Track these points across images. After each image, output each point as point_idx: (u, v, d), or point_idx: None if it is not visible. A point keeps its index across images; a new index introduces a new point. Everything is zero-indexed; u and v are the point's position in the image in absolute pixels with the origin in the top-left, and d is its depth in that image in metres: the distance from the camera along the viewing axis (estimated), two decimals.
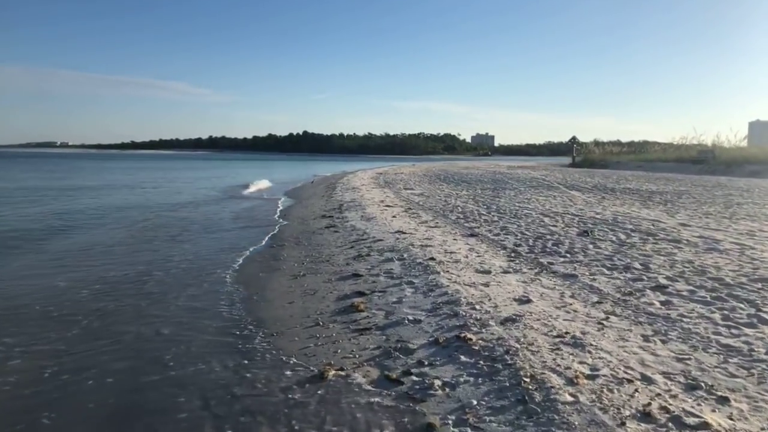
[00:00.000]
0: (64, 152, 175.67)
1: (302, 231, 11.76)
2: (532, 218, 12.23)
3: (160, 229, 12.85)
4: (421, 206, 15.36)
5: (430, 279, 6.68)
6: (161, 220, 14.68)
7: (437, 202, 16.30)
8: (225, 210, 17.24)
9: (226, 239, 11.52)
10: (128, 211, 16.73)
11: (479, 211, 13.83)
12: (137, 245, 10.65)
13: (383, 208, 14.78)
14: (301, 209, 16.41)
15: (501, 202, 16.15)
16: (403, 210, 14.40)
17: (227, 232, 12.41)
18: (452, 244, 9.17)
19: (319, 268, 8.02)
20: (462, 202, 16.40)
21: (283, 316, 5.82)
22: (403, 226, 11.31)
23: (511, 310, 5.35)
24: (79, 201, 19.83)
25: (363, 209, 14.65)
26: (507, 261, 7.82)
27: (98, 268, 8.54)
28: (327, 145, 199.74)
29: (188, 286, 7.45)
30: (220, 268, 8.64)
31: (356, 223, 12.12)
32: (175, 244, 10.84)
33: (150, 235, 12.04)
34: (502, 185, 23.60)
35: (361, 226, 11.52)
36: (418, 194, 19.59)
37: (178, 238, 11.61)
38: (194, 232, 12.44)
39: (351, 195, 19.62)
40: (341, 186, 25.25)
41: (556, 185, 23.08)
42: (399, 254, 8.34)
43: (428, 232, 10.52)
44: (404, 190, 21.58)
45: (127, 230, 12.69)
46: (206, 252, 10.11)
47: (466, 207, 14.79)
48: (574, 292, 6.05)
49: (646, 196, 18.27)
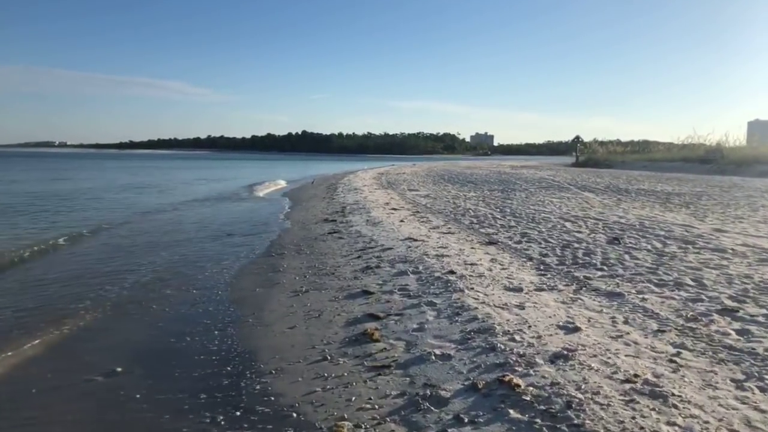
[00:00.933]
0: (64, 152, 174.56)
1: (304, 237, 10.83)
2: (552, 223, 11.30)
3: (141, 236, 11.93)
4: (430, 209, 14.43)
5: (454, 298, 5.75)
6: (145, 225, 13.75)
7: (446, 205, 15.37)
8: (221, 213, 16.33)
9: (219, 246, 10.59)
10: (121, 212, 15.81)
11: (493, 214, 12.90)
12: (118, 252, 9.73)
13: (389, 212, 13.85)
14: (302, 212, 15.49)
15: (514, 204, 15.22)
16: (410, 213, 13.47)
17: (220, 239, 11.47)
18: (471, 253, 8.24)
19: (323, 282, 7.09)
20: (472, 204, 15.47)
21: (283, 346, 4.89)
22: (413, 232, 10.38)
23: (559, 342, 4.43)
24: (98, 202, 18.89)
25: (368, 212, 13.71)
26: (537, 275, 6.89)
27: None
28: (326, 144, 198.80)
29: (177, 304, 6.52)
30: (212, 281, 7.71)
31: (362, 228, 11.19)
32: (161, 252, 9.92)
33: (127, 243, 11.11)
34: (511, 186, 22.68)
35: (367, 232, 10.59)
36: (423, 196, 18.66)
37: (160, 244, 10.68)
38: (184, 238, 11.51)
39: (354, 197, 18.69)
40: (343, 187, 24.32)
41: (566, 186, 22.16)
42: (413, 266, 7.41)
43: (442, 239, 9.59)
44: (409, 192, 20.65)
45: (111, 237, 11.76)
46: (198, 260, 9.18)
47: (478, 210, 13.86)
48: (627, 317, 5.12)
49: (663, 198, 17.36)
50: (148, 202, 19.73)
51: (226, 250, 10.17)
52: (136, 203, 19.37)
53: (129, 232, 12.30)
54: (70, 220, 14.21)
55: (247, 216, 15.51)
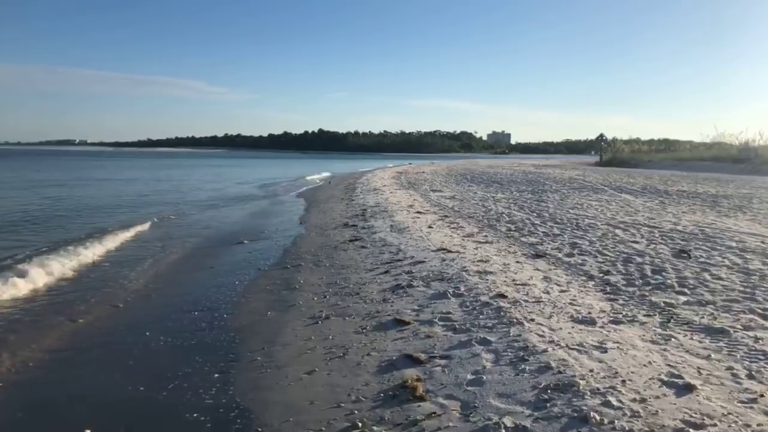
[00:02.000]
0: (84, 150, 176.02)
1: (322, 245, 9.73)
2: (600, 231, 10.05)
3: (141, 243, 10.93)
4: (458, 213, 13.24)
5: (513, 335, 4.58)
6: (148, 231, 12.77)
7: (475, 208, 14.16)
8: (232, 216, 15.31)
9: (229, 255, 9.53)
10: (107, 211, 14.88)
11: (531, 219, 11.67)
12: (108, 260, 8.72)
13: (414, 216, 12.69)
14: (319, 215, 14.40)
15: (550, 207, 13.96)
16: (438, 218, 12.29)
17: (230, 246, 10.42)
18: (518, 269, 7.06)
19: (346, 305, 5.96)
20: (504, 207, 14.25)
21: (300, 403, 3.77)
22: (445, 240, 9.22)
23: (674, 411, 3.23)
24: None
25: (391, 216, 12.57)
26: (606, 300, 5.69)
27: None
28: (342, 143, 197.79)
29: (172, 332, 5.44)
30: (217, 299, 6.64)
31: (386, 235, 10.05)
32: (164, 260, 8.89)
33: (127, 248, 10.11)
34: (540, 187, 21.36)
35: (392, 240, 9.45)
36: (449, 197, 17.46)
37: (163, 251, 9.65)
38: (191, 245, 10.49)
39: (374, 198, 17.56)
40: (361, 187, 23.21)
41: (600, 187, 20.78)
42: (452, 285, 6.25)
43: (479, 250, 8.41)
44: (432, 193, 19.46)
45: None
46: (202, 271, 8.13)
47: (513, 214, 12.63)
48: (749, 367, 3.91)
49: (710, 201, 15.96)
50: (157, 207, 18.83)
51: (235, 260, 9.11)
52: (146, 205, 18.47)
53: (133, 235, 11.33)
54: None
55: (260, 220, 14.48)
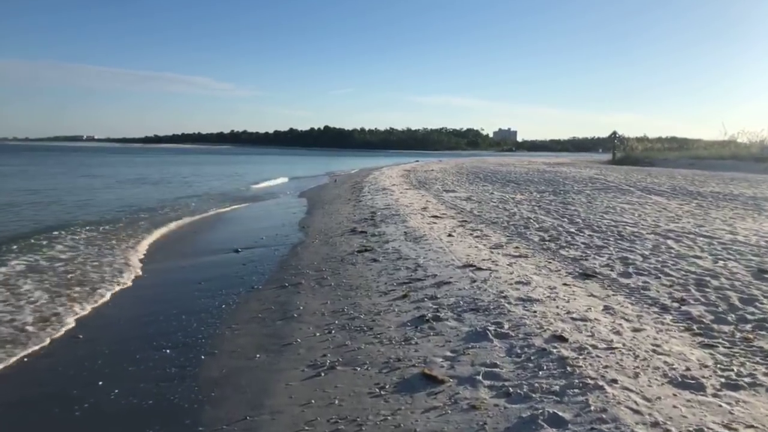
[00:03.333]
0: (93, 146, 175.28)
1: (326, 256, 8.38)
2: (649, 241, 8.66)
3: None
4: (479, 217, 11.86)
5: (594, 408, 3.22)
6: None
7: (497, 212, 12.78)
8: (227, 220, 13.98)
9: (218, 268, 8.21)
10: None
11: (563, 226, 10.28)
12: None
13: (430, 221, 11.33)
14: (324, 218, 13.05)
15: (580, 211, 12.56)
16: (457, 224, 10.93)
17: (220, 255, 9.10)
18: (568, 295, 5.69)
19: (357, 346, 4.61)
20: (528, 211, 12.86)
21: None
22: (470, 253, 7.85)
23: None
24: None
25: (404, 221, 11.21)
26: (701, 346, 4.31)
27: None
28: (348, 139, 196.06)
29: (132, 383, 4.12)
30: (196, 328, 5.32)
31: (400, 245, 8.70)
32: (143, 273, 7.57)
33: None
34: (560, 187, 19.94)
35: (408, 252, 8.10)
36: (464, 198, 16.08)
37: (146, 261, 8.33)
38: (175, 257, 9.17)
39: (383, 199, 16.21)
40: (369, 186, 21.85)
41: (626, 188, 19.33)
42: (492, 319, 4.90)
43: (514, 266, 7.04)
44: (446, 193, 18.08)
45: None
46: (184, 287, 6.80)
47: (541, 220, 11.24)
48: None
49: (752, 204, 14.53)
50: (143, 202, 17.53)
51: (227, 273, 7.79)
52: (134, 203, 17.17)
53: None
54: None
55: (259, 223, 13.16)
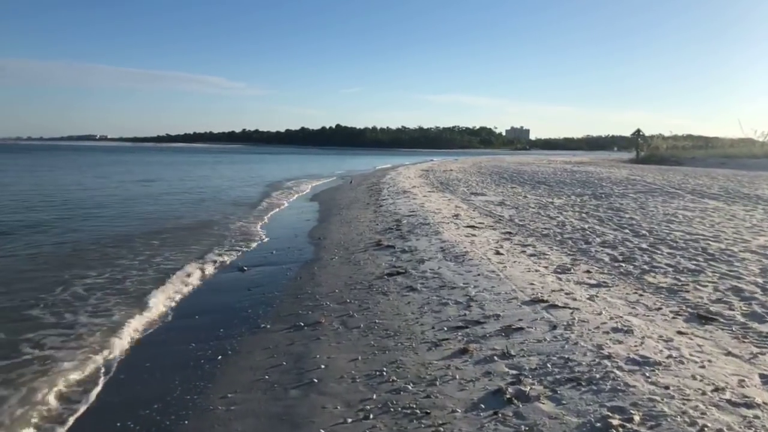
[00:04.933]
0: (106, 145, 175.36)
1: (350, 281, 6.78)
2: (752, 263, 6.95)
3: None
4: (524, 228, 10.19)
5: None
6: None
7: (541, 220, 11.10)
8: (236, 228, 12.42)
9: (217, 294, 6.64)
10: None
11: (629, 240, 8.59)
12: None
13: (468, 232, 9.69)
14: (342, 227, 11.45)
15: (637, 219, 10.84)
16: (501, 236, 9.27)
17: (223, 277, 7.53)
18: (695, 353, 4.03)
19: None
20: (577, 219, 11.17)
21: None
22: (532, 280, 6.21)
23: None
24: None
25: (437, 233, 9.58)
26: None
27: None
28: (359, 138, 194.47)
29: None
30: (175, 404, 3.74)
31: (440, 265, 7.08)
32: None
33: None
34: (598, 189, 18.18)
35: (452, 277, 6.48)
36: (497, 203, 14.41)
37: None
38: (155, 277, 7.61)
39: (406, 203, 14.58)
40: (387, 188, 20.24)
41: (672, 190, 17.51)
42: (607, 401, 3.26)
43: (599, 301, 5.38)
44: (473, 196, 16.42)
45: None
46: (172, 337, 5.23)
47: (598, 231, 9.55)
48: None
49: None
50: (143, 209, 16.05)
51: (227, 301, 6.24)
52: (133, 205, 15.70)
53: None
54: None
55: (270, 233, 11.57)
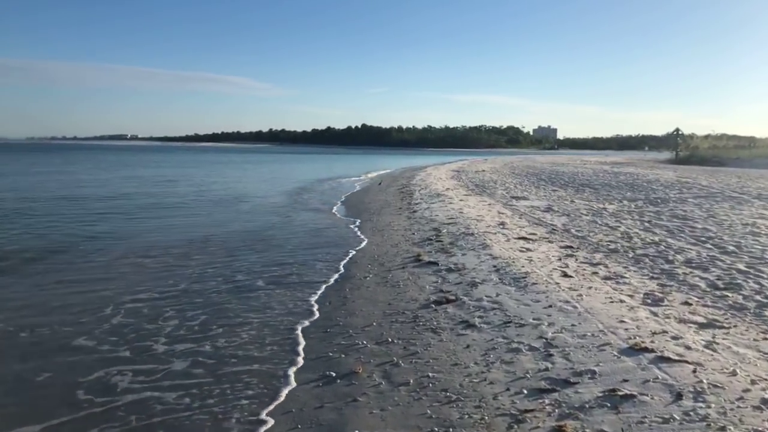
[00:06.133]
0: (138, 144, 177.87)
1: (389, 310, 5.58)
2: None
3: (113, 274, 7.01)
4: (584, 240, 8.85)
5: None
6: (136, 248, 8.87)
7: (601, 230, 9.74)
8: (259, 237, 11.33)
9: (231, 328, 5.51)
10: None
11: (718, 258, 7.19)
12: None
13: (522, 245, 8.41)
14: (375, 236, 10.27)
15: (714, 231, 9.39)
16: (561, 251, 7.97)
17: (239, 301, 6.40)
18: None
19: None
20: (641, 229, 9.79)
21: None
22: (621, 315, 4.92)
23: None
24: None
25: (484, 246, 8.33)
26: None
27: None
28: (385, 138, 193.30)
29: None
30: None
31: (498, 291, 5.84)
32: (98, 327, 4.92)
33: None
34: (650, 193, 16.64)
35: (517, 309, 5.24)
36: (543, 209, 13.05)
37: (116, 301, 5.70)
38: (169, 295, 6.51)
39: (442, 208, 13.34)
40: (419, 190, 19.01)
41: (734, 194, 15.86)
42: None
43: (720, 350, 4.09)
44: (515, 201, 15.07)
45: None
46: (167, 363, 4.11)
47: (674, 245, 8.16)
48: None
49: None
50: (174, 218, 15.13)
51: (239, 337, 5.10)
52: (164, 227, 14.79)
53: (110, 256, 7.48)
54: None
55: (295, 239, 10.45)
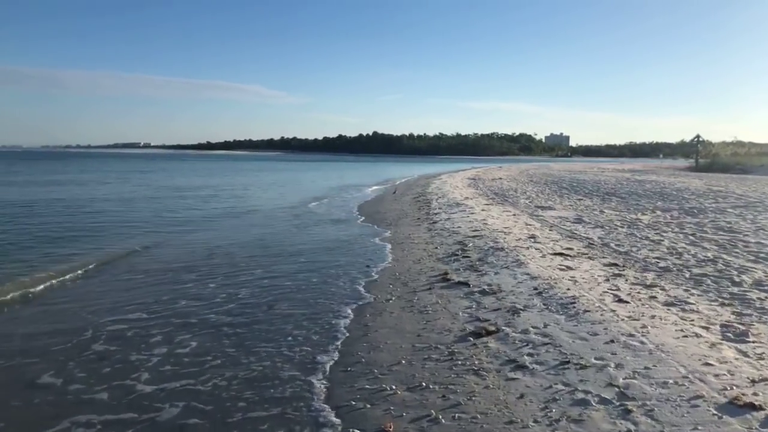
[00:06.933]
0: (151, 152, 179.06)
1: (418, 344, 4.74)
2: None
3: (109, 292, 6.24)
4: (628, 256, 7.95)
5: None
6: (143, 264, 8.10)
7: (644, 245, 8.83)
8: (267, 253, 10.54)
9: (239, 361, 4.70)
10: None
11: None
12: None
13: (558, 262, 7.53)
14: (395, 250, 9.43)
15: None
16: (607, 269, 7.08)
17: (244, 318, 5.58)
18: None
19: None
20: (684, 242, 8.88)
21: None
22: (704, 353, 4.05)
23: None
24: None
25: (518, 262, 7.47)
26: None
27: None
28: (397, 145, 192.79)
29: None
30: None
31: (545, 320, 4.99)
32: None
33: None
34: (683, 202, 15.67)
35: (573, 343, 4.38)
36: (573, 220, 12.14)
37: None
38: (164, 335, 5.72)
39: (464, 219, 12.48)
40: (436, 199, 18.18)
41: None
42: None
43: None
44: (540, 210, 14.18)
45: None
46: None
47: (736, 264, 7.24)
48: None
49: None
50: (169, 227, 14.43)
51: (246, 379, 4.28)
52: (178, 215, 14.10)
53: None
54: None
55: (309, 254, 9.64)
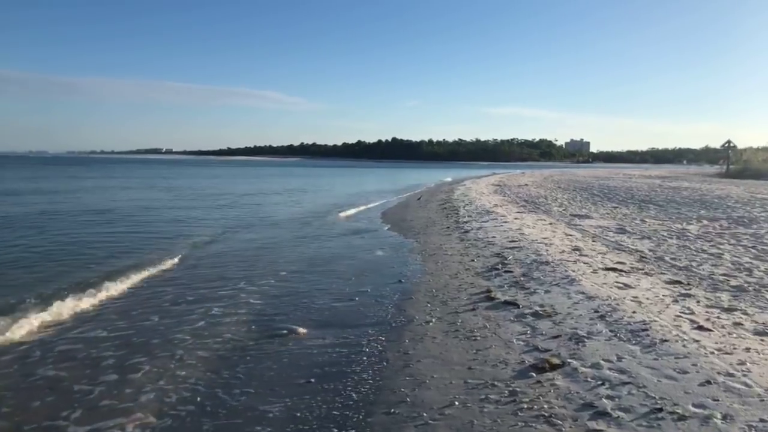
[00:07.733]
0: (174, 158, 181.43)
1: (471, 379, 4.05)
2: None
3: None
4: (688, 270, 7.13)
5: None
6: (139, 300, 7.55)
7: (699, 258, 7.98)
8: (278, 265, 9.93)
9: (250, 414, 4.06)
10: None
11: None
12: None
13: (613, 278, 6.76)
14: (427, 262, 8.73)
15: None
16: (669, 287, 6.28)
17: (261, 348, 4.95)
18: None
19: None
20: (748, 255, 8.01)
21: None
22: None
23: None
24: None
25: (568, 278, 6.72)
26: None
27: None
28: (416, 151, 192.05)
29: None
30: None
31: (618, 352, 4.26)
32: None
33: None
34: (729, 211, 14.68)
35: (658, 383, 3.65)
36: (615, 229, 11.30)
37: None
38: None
39: (497, 228, 11.73)
40: (463, 206, 17.44)
41: None
42: None
43: None
44: (577, 219, 13.35)
45: None
46: None
47: None
48: None
49: None
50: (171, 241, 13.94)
51: (258, 402, 3.64)
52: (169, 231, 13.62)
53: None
54: None
55: (330, 266, 9.00)
